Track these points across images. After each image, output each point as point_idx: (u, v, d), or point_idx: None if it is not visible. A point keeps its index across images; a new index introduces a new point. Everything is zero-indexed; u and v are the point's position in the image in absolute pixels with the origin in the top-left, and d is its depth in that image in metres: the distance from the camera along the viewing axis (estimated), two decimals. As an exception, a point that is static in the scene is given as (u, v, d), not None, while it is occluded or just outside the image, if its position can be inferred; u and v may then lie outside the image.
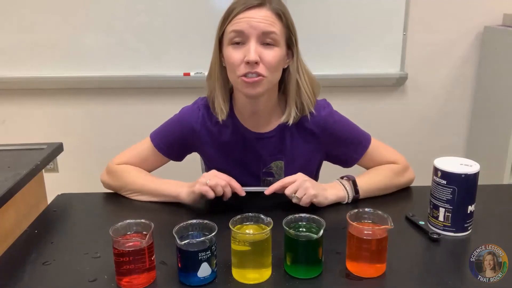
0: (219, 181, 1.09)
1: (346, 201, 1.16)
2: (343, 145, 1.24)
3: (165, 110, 1.30)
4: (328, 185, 1.16)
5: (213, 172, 1.12)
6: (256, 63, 1.06)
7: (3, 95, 2.38)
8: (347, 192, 1.15)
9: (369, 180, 1.20)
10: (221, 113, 1.17)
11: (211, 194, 1.08)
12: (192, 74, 2.29)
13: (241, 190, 1.11)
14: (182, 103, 1.28)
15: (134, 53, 2.29)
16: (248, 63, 1.06)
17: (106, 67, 2.31)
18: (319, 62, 2.30)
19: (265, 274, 0.86)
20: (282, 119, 1.18)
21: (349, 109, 1.44)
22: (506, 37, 2.20)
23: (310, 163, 1.26)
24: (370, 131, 1.28)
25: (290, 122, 1.17)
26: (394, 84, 2.43)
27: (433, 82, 2.46)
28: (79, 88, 2.40)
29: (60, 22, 2.25)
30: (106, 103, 2.42)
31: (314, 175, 1.31)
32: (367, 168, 1.27)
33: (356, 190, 1.16)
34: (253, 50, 1.06)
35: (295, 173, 1.21)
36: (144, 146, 1.26)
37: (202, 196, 1.11)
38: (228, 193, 1.10)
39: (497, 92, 2.28)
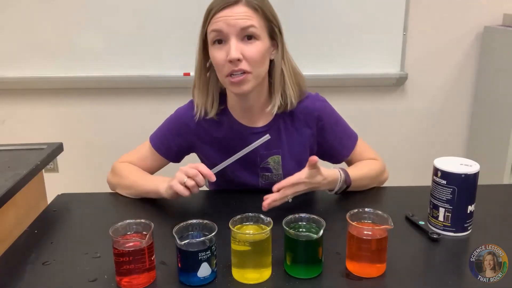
0: (192, 173, 1.04)
1: (337, 185, 1.14)
2: (335, 138, 1.26)
3: (165, 110, 1.30)
4: (326, 172, 1.14)
5: (189, 164, 1.08)
6: (239, 60, 1.07)
7: (3, 95, 2.39)
8: (340, 176, 1.14)
9: (359, 172, 1.20)
10: (210, 112, 1.19)
11: (186, 194, 1.05)
12: (192, 74, 2.28)
13: (211, 175, 1.06)
14: (182, 103, 1.28)
15: (134, 53, 2.29)
16: (231, 61, 1.07)
17: (106, 67, 2.31)
18: (319, 62, 2.31)
19: (265, 274, 0.86)
20: (268, 109, 1.19)
21: (349, 109, 1.45)
22: (506, 37, 2.20)
23: (306, 155, 1.26)
24: (370, 131, 1.29)
25: (275, 110, 1.18)
26: (394, 84, 2.43)
27: (433, 82, 2.46)
28: (79, 88, 2.40)
29: (59, 22, 2.25)
30: (106, 103, 2.42)
31: None
32: (350, 164, 1.29)
33: (348, 181, 1.16)
34: (233, 48, 1.06)
35: (292, 166, 1.22)
36: (144, 147, 1.28)
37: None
38: (200, 182, 1.05)
39: (497, 92, 2.28)
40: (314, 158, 1.06)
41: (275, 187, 1.07)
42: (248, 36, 1.09)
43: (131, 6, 2.24)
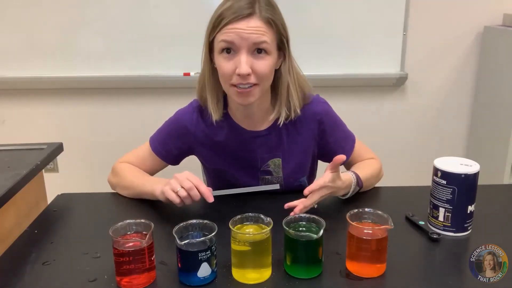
0: (187, 186, 1.03)
1: (351, 188, 1.14)
2: (335, 141, 1.25)
3: (165, 110, 1.30)
4: (343, 176, 1.13)
5: (185, 174, 1.07)
6: (248, 74, 1.06)
7: (3, 95, 2.39)
8: (353, 179, 1.14)
9: (366, 172, 1.20)
10: (214, 114, 1.17)
11: (177, 202, 1.05)
12: (192, 74, 2.29)
13: (209, 196, 1.03)
14: (182, 103, 1.28)
15: (134, 53, 2.29)
16: (239, 75, 1.06)
17: (106, 67, 2.31)
18: (319, 62, 2.31)
19: (265, 274, 0.86)
20: (271, 117, 1.19)
21: (349, 109, 1.45)
22: (506, 37, 2.20)
23: (307, 157, 1.26)
24: (370, 131, 1.29)
25: (281, 121, 1.17)
26: (394, 84, 2.43)
27: (433, 82, 2.46)
28: (79, 88, 2.40)
29: (60, 22, 2.25)
30: (106, 103, 2.42)
31: (310, 171, 1.31)
32: (350, 165, 1.29)
33: (360, 183, 1.16)
34: (244, 62, 1.05)
35: (292, 169, 1.22)
36: (144, 149, 1.28)
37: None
38: (195, 197, 1.04)
39: (497, 92, 2.28)
40: (341, 157, 1.03)
41: (306, 191, 1.04)
42: (258, 50, 1.07)
43: (131, 6, 2.24)
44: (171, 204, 1.08)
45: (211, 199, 1.04)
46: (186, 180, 1.05)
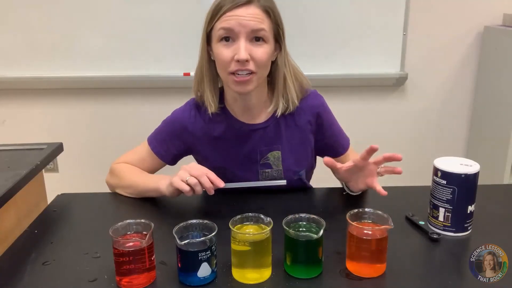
0: (196, 173, 1.05)
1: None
2: (332, 135, 1.27)
3: (165, 110, 1.30)
4: None
5: (192, 164, 1.09)
6: (247, 61, 1.07)
7: (3, 95, 2.39)
8: None
9: None
10: (210, 107, 1.18)
11: (187, 190, 1.05)
12: (192, 74, 2.27)
13: (219, 182, 1.05)
14: (181, 103, 1.28)
15: (134, 53, 2.29)
16: (238, 61, 1.07)
17: (106, 67, 2.31)
18: (319, 62, 2.31)
19: (265, 274, 0.86)
20: (269, 109, 1.20)
21: (349, 109, 1.45)
22: (506, 37, 2.20)
23: (305, 150, 1.27)
24: (370, 131, 1.29)
25: (279, 113, 1.19)
26: (394, 84, 2.43)
27: (433, 82, 2.46)
28: (79, 88, 2.40)
29: (60, 22, 2.25)
30: (106, 103, 2.42)
31: (309, 164, 1.31)
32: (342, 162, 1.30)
33: None
34: (243, 48, 1.07)
35: (292, 161, 1.23)
36: (143, 149, 1.28)
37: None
38: (205, 183, 1.05)
39: (497, 92, 2.28)
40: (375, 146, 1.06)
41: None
42: (256, 38, 1.09)
43: (131, 6, 2.24)
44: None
45: (221, 184, 1.05)
46: (195, 168, 1.07)
